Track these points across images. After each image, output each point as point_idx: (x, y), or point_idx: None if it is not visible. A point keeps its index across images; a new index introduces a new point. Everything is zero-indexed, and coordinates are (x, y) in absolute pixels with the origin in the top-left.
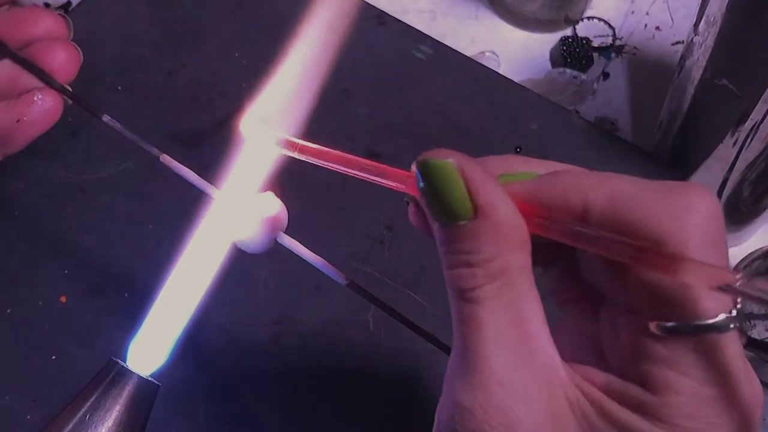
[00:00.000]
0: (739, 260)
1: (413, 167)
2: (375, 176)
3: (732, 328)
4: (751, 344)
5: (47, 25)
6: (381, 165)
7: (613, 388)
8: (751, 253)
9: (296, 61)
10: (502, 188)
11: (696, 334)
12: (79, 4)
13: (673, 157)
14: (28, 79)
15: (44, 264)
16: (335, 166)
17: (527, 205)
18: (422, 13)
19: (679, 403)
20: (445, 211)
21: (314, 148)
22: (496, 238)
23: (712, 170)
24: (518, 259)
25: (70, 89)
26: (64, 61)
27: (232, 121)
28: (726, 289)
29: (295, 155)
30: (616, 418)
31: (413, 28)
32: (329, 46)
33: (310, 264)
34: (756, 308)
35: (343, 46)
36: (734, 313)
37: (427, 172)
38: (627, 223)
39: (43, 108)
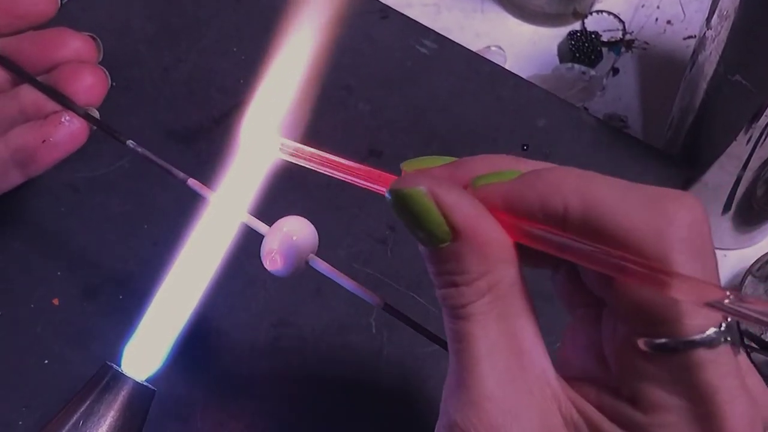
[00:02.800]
0: (752, 262)
1: (386, 196)
2: (370, 183)
3: (723, 342)
4: (761, 347)
5: (76, 47)
6: (376, 170)
7: (605, 406)
8: (766, 254)
9: (296, 56)
10: (479, 205)
11: (685, 351)
12: None
13: (685, 156)
14: (54, 103)
15: (36, 265)
16: (333, 172)
17: (508, 214)
18: (426, 7)
19: (668, 422)
20: (426, 236)
21: (312, 153)
22: (480, 257)
23: (724, 169)
24: (506, 274)
25: (97, 113)
26: (90, 85)
27: (231, 118)
28: (714, 305)
29: (295, 160)
30: None
31: (417, 22)
32: (330, 40)
33: (337, 282)
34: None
35: (345, 40)
36: (723, 327)
37: (399, 202)
38: (606, 230)
39: (70, 130)
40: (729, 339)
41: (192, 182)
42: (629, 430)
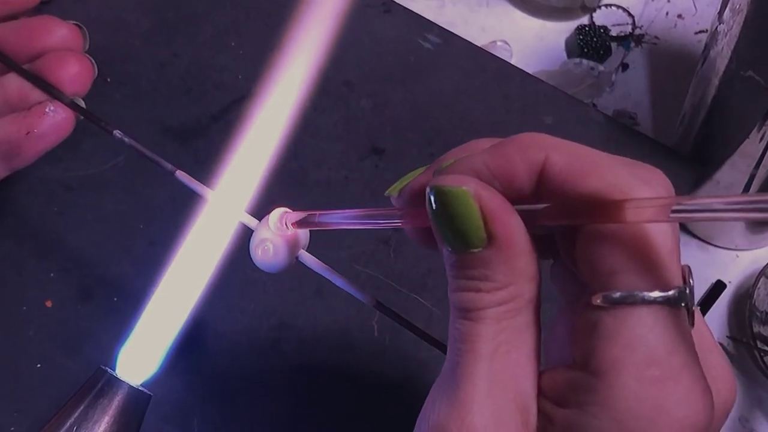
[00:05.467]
0: (766, 263)
1: (426, 193)
2: (377, 221)
3: (683, 306)
4: None
5: (61, 35)
6: (373, 210)
7: (557, 382)
8: None
9: (296, 51)
10: (518, 216)
11: (641, 306)
12: None
13: (696, 153)
14: (40, 92)
15: (28, 266)
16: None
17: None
18: (430, 0)
19: (622, 384)
20: (458, 238)
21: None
22: (509, 268)
23: (737, 167)
24: (528, 289)
25: (83, 102)
26: (76, 74)
27: (229, 115)
28: (677, 209)
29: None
30: (555, 422)
31: (420, 16)
32: (331, 35)
33: (328, 279)
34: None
35: (346, 35)
36: (687, 290)
37: (442, 199)
38: (589, 180)
39: (55, 121)
40: (689, 303)
41: (180, 174)
42: (580, 398)
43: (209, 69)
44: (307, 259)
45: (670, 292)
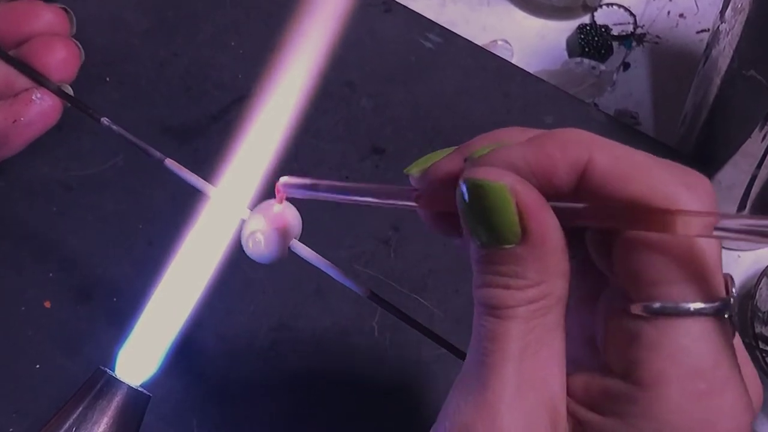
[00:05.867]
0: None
1: (460, 184)
2: (382, 199)
3: (726, 317)
4: None
5: (47, 19)
6: (385, 186)
7: (593, 389)
8: None
9: (296, 51)
10: (552, 212)
11: (685, 318)
12: None
13: (698, 153)
14: (26, 78)
15: (27, 266)
16: (340, 197)
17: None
18: None
19: (668, 396)
20: (491, 234)
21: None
22: (542, 266)
23: (739, 167)
24: (559, 288)
25: (71, 88)
26: (63, 59)
27: (229, 115)
28: (721, 228)
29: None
30: (591, 428)
31: (421, 15)
32: (331, 34)
33: (321, 270)
34: None
35: (346, 34)
36: (732, 300)
37: (477, 192)
38: (633, 182)
39: (42, 108)
40: (732, 313)
41: (169, 162)
42: (622, 409)
43: (209, 68)
44: (300, 249)
45: (716, 304)
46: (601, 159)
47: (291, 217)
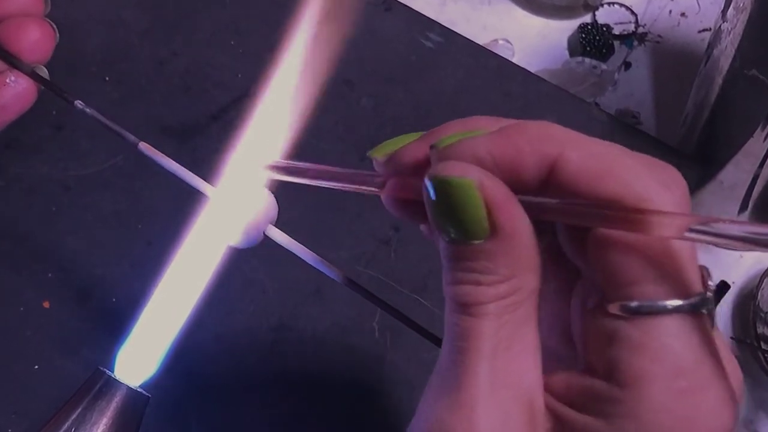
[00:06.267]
0: None
1: (425, 181)
2: (345, 183)
3: (705, 313)
4: None
5: (22, 1)
6: (349, 171)
7: (574, 388)
8: None
9: (295, 50)
10: (520, 206)
11: (666, 315)
12: None
13: (700, 153)
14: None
15: (26, 267)
16: (327, 183)
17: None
18: None
19: (650, 395)
20: (459, 229)
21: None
22: (511, 260)
23: (741, 166)
24: (529, 282)
25: (46, 71)
26: (37, 40)
27: (229, 114)
28: (694, 229)
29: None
30: (572, 427)
31: (421, 14)
32: (331, 33)
33: (305, 261)
34: None
35: (346, 33)
36: (709, 294)
37: (443, 189)
38: (606, 180)
39: (16, 91)
40: (710, 309)
41: (143, 146)
42: (604, 408)
43: (208, 68)
44: (276, 234)
45: (693, 300)
46: (573, 155)
47: (265, 201)
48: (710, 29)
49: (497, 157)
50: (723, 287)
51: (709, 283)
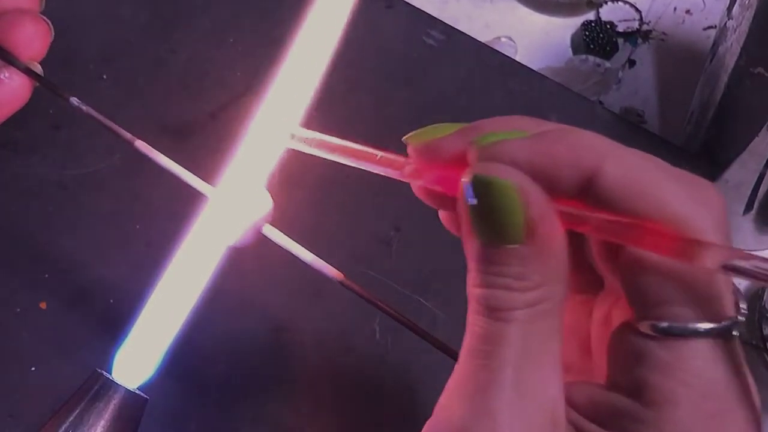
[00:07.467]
0: None
1: (464, 180)
2: (380, 165)
3: (735, 336)
4: None
5: None
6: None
7: (597, 403)
8: None
9: (295, 48)
10: (555, 212)
11: (696, 338)
12: None
13: (705, 152)
14: None
15: (22, 267)
16: (350, 160)
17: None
18: None
19: (678, 416)
20: (495, 232)
21: (324, 141)
22: (544, 268)
23: (746, 166)
24: (558, 291)
25: (40, 68)
26: (31, 36)
27: (228, 112)
28: (730, 265)
29: (306, 149)
30: None
31: (423, 11)
32: (331, 31)
33: (301, 260)
34: None
35: (347, 31)
36: (741, 318)
37: (484, 190)
38: (644, 198)
39: (10, 88)
40: (741, 333)
41: (140, 144)
42: (629, 426)
43: (207, 65)
44: (276, 235)
45: (725, 323)
46: (612, 169)
47: (259, 199)
48: (715, 27)
49: (536, 163)
50: None
51: (742, 307)
